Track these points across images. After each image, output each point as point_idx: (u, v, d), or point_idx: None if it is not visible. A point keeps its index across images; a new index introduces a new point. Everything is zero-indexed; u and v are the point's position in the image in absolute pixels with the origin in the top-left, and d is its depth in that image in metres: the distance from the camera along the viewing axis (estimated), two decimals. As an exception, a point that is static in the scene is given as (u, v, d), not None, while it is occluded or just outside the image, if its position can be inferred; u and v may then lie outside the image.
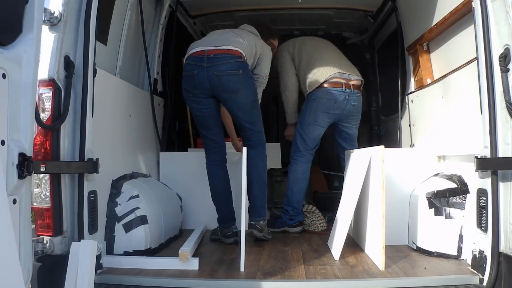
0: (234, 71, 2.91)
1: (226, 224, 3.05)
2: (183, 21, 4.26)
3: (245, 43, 3.04)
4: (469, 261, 2.31)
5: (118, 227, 2.62)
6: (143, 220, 2.67)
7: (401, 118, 3.88)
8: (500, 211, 2.05)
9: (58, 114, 2.17)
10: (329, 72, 3.48)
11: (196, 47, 2.99)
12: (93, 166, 2.26)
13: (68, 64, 2.21)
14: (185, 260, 2.36)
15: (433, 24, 3.12)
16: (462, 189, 2.54)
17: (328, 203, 3.93)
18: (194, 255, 2.53)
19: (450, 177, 2.66)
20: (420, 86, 3.49)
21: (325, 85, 3.47)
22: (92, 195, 2.33)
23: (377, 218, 2.43)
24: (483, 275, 2.12)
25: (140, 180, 2.99)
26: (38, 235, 2.15)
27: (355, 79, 3.56)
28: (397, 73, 3.88)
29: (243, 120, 3.04)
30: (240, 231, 2.68)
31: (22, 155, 1.73)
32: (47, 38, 2.13)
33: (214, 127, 3.08)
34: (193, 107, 3.03)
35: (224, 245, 2.99)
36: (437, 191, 2.61)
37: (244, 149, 2.56)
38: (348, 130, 3.66)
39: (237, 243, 2.77)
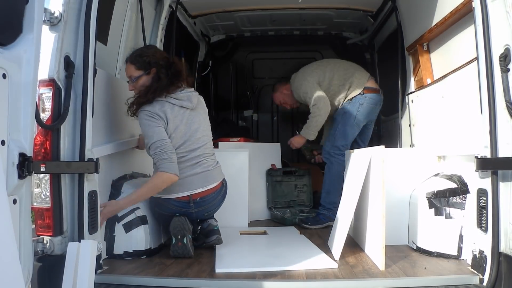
0: None
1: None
2: (183, 21, 4.26)
3: None
4: (469, 261, 2.31)
5: (118, 227, 2.62)
6: (143, 220, 2.68)
7: (401, 118, 3.88)
8: (500, 211, 2.05)
9: (58, 114, 2.17)
10: (363, 80, 3.78)
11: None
12: (93, 166, 2.26)
13: (68, 64, 2.20)
14: None
15: (433, 24, 3.12)
16: (462, 189, 2.54)
17: None
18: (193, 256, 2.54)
19: (450, 177, 2.66)
20: (420, 86, 3.49)
21: (367, 92, 3.73)
22: (92, 195, 2.33)
23: (377, 218, 2.43)
24: (483, 275, 2.12)
25: (140, 180, 2.99)
26: (38, 235, 2.15)
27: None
28: (397, 73, 3.88)
29: None
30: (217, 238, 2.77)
31: (22, 155, 1.73)
32: (47, 38, 2.13)
33: None
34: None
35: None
36: (437, 191, 2.61)
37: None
38: (367, 131, 3.95)
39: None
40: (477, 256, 2.19)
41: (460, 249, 2.47)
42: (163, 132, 2.66)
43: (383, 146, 2.47)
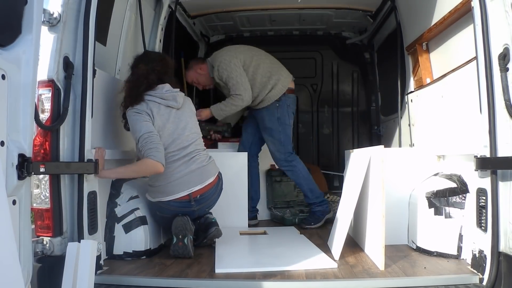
0: None
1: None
2: (183, 22, 4.26)
3: None
4: (469, 261, 2.31)
5: (118, 228, 2.62)
6: (142, 220, 2.68)
7: (401, 117, 3.88)
8: (500, 210, 2.05)
9: (58, 114, 2.17)
10: (289, 79, 3.72)
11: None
12: (93, 166, 2.26)
13: (67, 65, 2.21)
14: None
15: (432, 24, 3.12)
16: (461, 188, 2.54)
17: None
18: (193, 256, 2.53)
19: (449, 177, 2.66)
20: (420, 85, 3.49)
21: (289, 92, 3.69)
22: (92, 196, 2.33)
23: (377, 218, 2.43)
24: (483, 275, 2.12)
25: (140, 181, 2.99)
26: (38, 236, 2.16)
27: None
28: (396, 72, 3.88)
29: None
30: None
31: (21, 156, 1.73)
32: (46, 39, 2.13)
33: None
34: None
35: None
36: (437, 191, 2.61)
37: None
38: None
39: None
40: (477, 255, 2.19)
41: (460, 248, 2.48)
42: (151, 126, 2.68)
43: (383, 146, 2.47)
